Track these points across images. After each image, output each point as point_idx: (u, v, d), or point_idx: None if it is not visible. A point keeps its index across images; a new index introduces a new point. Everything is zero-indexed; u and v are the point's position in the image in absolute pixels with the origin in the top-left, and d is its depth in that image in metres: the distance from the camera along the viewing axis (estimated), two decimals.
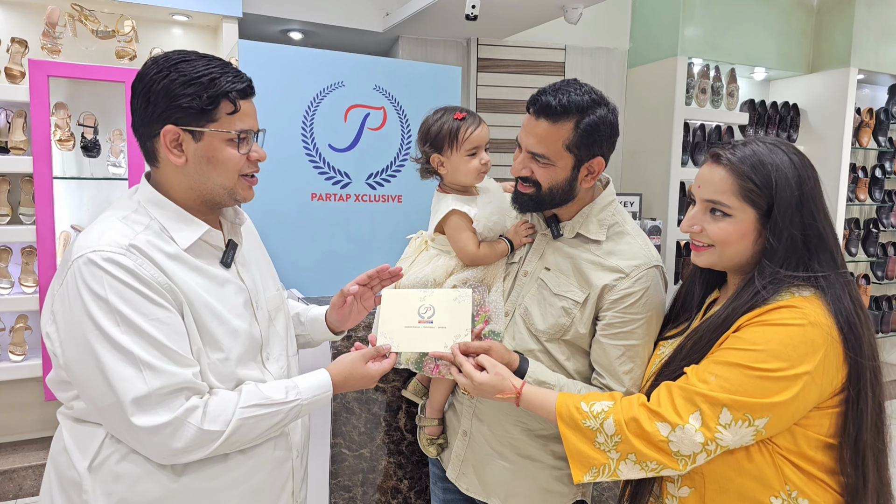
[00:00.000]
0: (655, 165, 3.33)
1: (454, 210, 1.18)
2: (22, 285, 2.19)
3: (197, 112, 0.88)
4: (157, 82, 0.88)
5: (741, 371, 0.87)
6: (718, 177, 0.95)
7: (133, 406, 0.82)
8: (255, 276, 1.04)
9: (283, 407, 0.92)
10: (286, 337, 1.08)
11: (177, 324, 0.87)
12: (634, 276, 1.07)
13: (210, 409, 0.86)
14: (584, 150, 1.06)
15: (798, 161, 0.93)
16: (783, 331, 0.87)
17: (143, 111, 0.90)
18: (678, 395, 0.90)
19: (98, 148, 2.25)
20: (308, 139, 2.13)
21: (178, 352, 0.85)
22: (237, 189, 0.95)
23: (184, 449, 0.84)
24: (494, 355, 1.05)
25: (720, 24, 3.27)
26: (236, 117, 0.91)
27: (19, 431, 2.27)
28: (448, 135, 1.18)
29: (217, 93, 0.89)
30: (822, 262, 0.91)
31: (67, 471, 0.89)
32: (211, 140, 0.90)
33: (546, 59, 3.34)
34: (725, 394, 0.86)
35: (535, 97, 1.07)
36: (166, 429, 0.83)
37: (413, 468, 1.47)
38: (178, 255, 0.90)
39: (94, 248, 0.84)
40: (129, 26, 2.31)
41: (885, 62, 3.54)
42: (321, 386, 0.97)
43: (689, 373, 0.92)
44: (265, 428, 0.91)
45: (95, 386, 0.83)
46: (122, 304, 0.83)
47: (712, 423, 0.87)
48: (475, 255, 1.18)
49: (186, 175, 0.92)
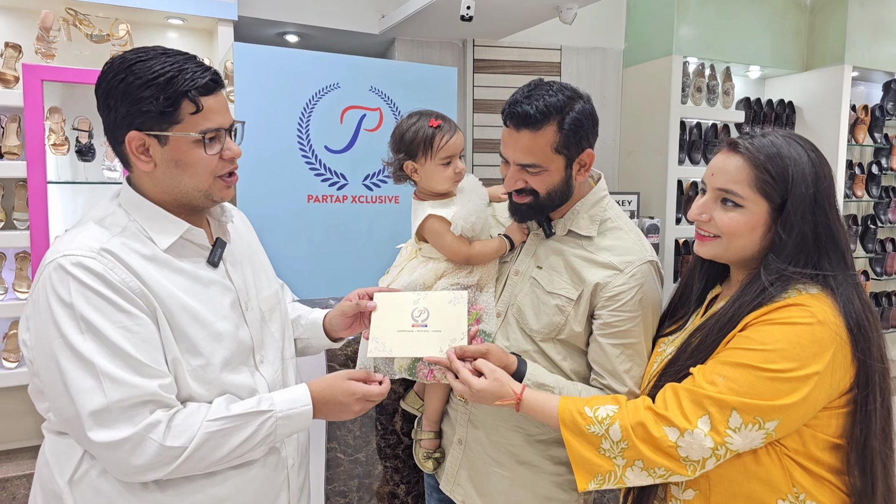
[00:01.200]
0: (652, 164, 3.33)
1: (430, 215, 1.15)
2: (16, 291, 2.17)
3: (157, 115, 0.83)
4: (114, 86, 0.84)
5: (750, 372, 0.84)
6: (734, 166, 0.93)
7: (90, 419, 0.78)
8: (246, 276, 1.01)
9: (254, 419, 0.86)
10: (282, 339, 1.04)
11: (147, 332, 0.83)
12: (628, 272, 1.06)
13: (175, 424, 0.82)
14: (573, 147, 1.05)
15: (815, 158, 0.91)
16: (792, 330, 0.84)
17: (107, 117, 0.86)
18: (686, 398, 0.87)
19: (93, 152, 2.24)
20: (304, 141, 2.12)
21: (144, 362, 0.81)
22: (213, 191, 0.91)
23: (144, 466, 0.80)
24: (492, 359, 1.01)
25: (715, 23, 3.28)
26: (200, 116, 0.86)
27: (12, 439, 2.25)
28: (423, 142, 1.15)
29: (175, 93, 0.83)
30: (833, 261, 0.90)
31: (50, 484, 0.87)
32: (177, 143, 0.86)
33: (542, 60, 3.34)
34: (735, 396, 0.84)
35: (511, 110, 1.04)
36: (125, 444, 0.79)
37: (409, 472, 1.46)
38: (155, 256, 0.87)
39: (65, 252, 0.82)
40: (124, 30, 2.30)
41: (880, 59, 3.55)
42: (298, 399, 0.92)
43: (695, 374, 0.90)
44: (234, 444, 0.85)
45: (60, 397, 0.80)
46: (88, 309, 0.79)
47: (722, 427, 0.84)
48: (468, 254, 1.14)
49: (158, 180, 0.89)
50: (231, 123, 0.91)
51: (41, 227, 2.04)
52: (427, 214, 1.15)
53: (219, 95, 0.89)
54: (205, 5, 2.37)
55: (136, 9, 2.29)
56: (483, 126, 3.25)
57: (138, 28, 2.42)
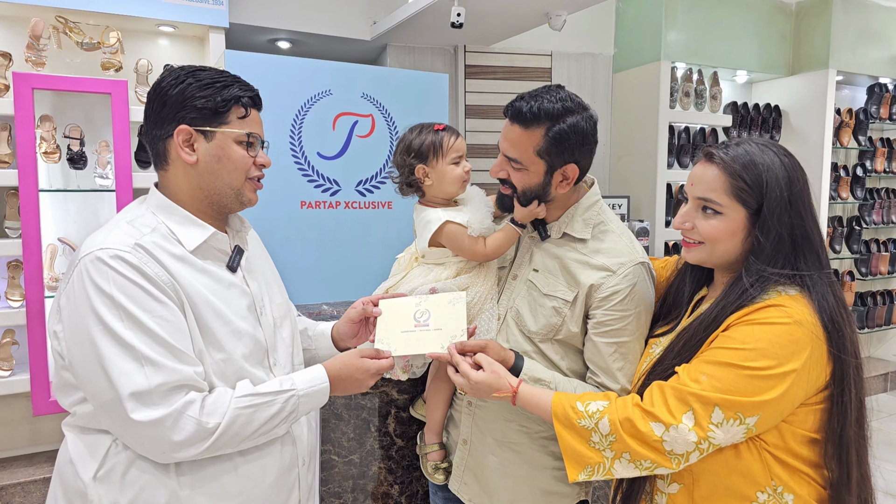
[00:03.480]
0: (642, 168, 3.37)
1: (448, 221, 1.20)
2: (8, 300, 2.16)
3: (210, 113, 0.94)
4: (173, 87, 0.94)
5: (731, 370, 0.88)
6: (711, 175, 0.97)
7: (131, 400, 0.82)
8: (260, 283, 1.05)
9: (278, 397, 0.92)
10: (292, 345, 1.09)
11: (179, 321, 0.88)
12: (621, 273, 1.09)
13: (208, 402, 0.87)
14: (556, 156, 1.08)
15: (788, 162, 0.95)
16: (770, 329, 0.88)
17: (158, 114, 0.95)
18: (671, 395, 0.91)
19: (84, 160, 2.24)
20: (297, 147, 2.14)
21: (180, 349, 0.86)
22: (244, 190, 0.99)
23: (184, 442, 0.84)
24: (490, 353, 1.05)
25: (702, 29, 3.33)
26: (246, 122, 0.98)
27: (7, 448, 2.24)
28: (433, 145, 1.21)
29: (230, 96, 0.95)
30: (808, 261, 0.93)
31: (73, 482, 0.89)
32: (222, 139, 0.95)
33: (533, 66, 3.38)
34: (717, 393, 0.88)
35: (511, 102, 1.09)
36: (166, 421, 0.83)
37: (404, 473, 1.47)
38: (183, 256, 0.93)
39: (101, 245, 0.87)
40: (115, 38, 2.31)
41: (864, 63, 3.62)
42: (316, 378, 0.98)
43: (680, 372, 0.94)
44: (262, 420, 0.90)
45: (97, 381, 0.84)
46: (126, 300, 0.84)
47: (705, 423, 0.88)
48: (487, 252, 1.19)
49: (197, 174, 0.96)
50: (263, 138, 1.03)
51: (33, 235, 2.04)
52: (444, 220, 1.20)
53: (258, 113, 1.02)
54: (196, 13, 2.38)
55: (126, 16, 2.29)
56: (475, 131, 3.28)
57: (129, 36, 2.42)
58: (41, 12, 2.21)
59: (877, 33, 3.65)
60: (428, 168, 1.22)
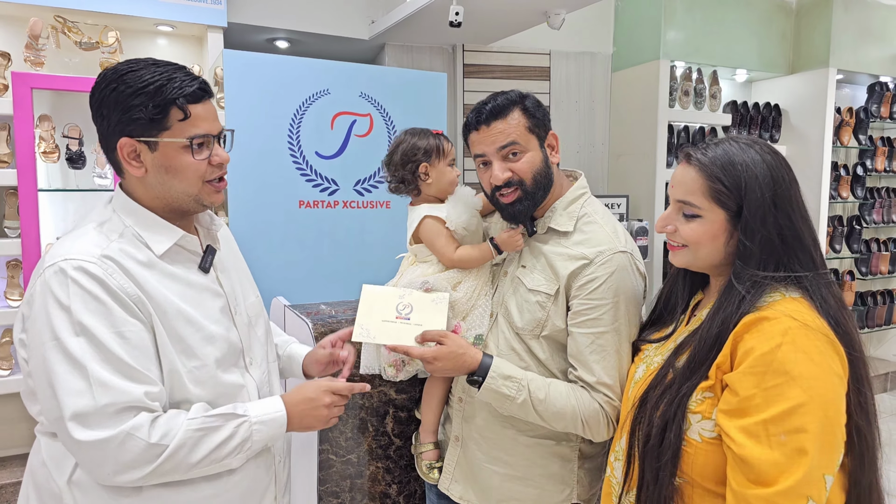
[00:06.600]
0: (641, 167, 3.37)
1: (427, 216, 1.24)
2: (7, 299, 2.17)
3: (147, 122, 0.87)
4: (107, 95, 0.87)
5: (805, 436, 0.79)
6: (689, 177, 0.94)
7: (73, 420, 0.80)
8: (234, 282, 1.04)
9: (230, 421, 0.89)
10: (266, 343, 1.08)
11: (139, 339, 0.85)
12: (599, 261, 1.08)
13: (158, 423, 0.84)
14: (541, 127, 1.14)
15: (772, 161, 0.91)
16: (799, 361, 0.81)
17: (100, 125, 0.90)
18: None
19: (83, 159, 2.25)
20: (295, 147, 2.14)
21: (136, 367, 0.83)
22: (202, 195, 0.94)
23: (129, 463, 0.81)
24: (450, 339, 1.09)
25: (701, 28, 3.32)
26: (188, 123, 0.89)
27: (5, 447, 2.24)
28: (436, 146, 1.30)
29: (164, 101, 0.87)
30: (802, 262, 0.90)
31: (47, 483, 0.89)
32: (166, 149, 0.89)
33: (531, 65, 3.37)
34: (817, 469, 0.78)
35: (476, 114, 1.13)
36: (111, 442, 0.80)
37: (401, 472, 1.47)
38: (151, 262, 0.90)
39: (66, 255, 0.84)
40: (114, 37, 2.31)
41: (864, 62, 3.61)
42: (270, 404, 0.95)
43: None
44: (211, 446, 0.87)
45: (48, 397, 0.82)
46: (85, 313, 0.81)
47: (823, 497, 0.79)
48: (453, 259, 1.22)
49: (149, 185, 0.92)
50: (220, 131, 0.94)
51: (32, 234, 2.05)
52: (423, 216, 1.24)
53: (207, 104, 0.92)
54: (194, 12, 2.38)
55: (125, 16, 2.30)
56: None
57: (127, 35, 2.43)
58: (40, 12, 2.21)
59: (877, 32, 3.64)
60: (430, 166, 1.29)
